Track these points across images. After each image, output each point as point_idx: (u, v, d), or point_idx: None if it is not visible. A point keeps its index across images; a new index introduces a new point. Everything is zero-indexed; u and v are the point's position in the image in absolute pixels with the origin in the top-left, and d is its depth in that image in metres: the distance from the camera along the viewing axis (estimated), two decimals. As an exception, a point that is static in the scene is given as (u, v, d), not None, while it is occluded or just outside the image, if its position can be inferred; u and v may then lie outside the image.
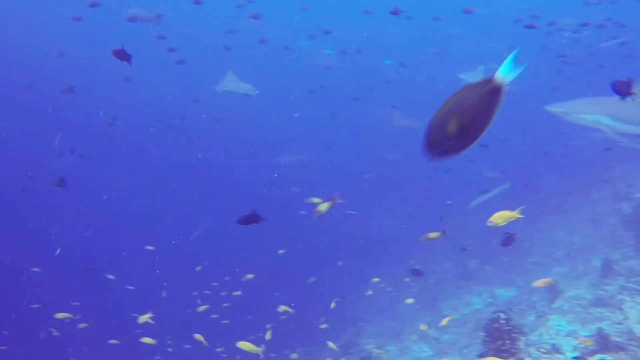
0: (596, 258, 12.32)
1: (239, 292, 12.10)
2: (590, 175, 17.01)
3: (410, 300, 11.26)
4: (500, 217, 4.83)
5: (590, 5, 15.85)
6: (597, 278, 11.38)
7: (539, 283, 6.99)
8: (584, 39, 17.23)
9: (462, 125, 1.82)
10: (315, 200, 5.14)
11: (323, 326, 11.93)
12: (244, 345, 6.62)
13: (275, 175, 19.38)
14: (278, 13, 20.67)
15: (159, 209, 21.87)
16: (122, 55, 6.08)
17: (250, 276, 11.01)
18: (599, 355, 7.53)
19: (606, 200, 15.29)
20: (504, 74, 1.78)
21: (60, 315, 9.51)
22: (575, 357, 8.09)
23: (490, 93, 1.79)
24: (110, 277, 12.37)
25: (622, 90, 5.13)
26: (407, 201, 19.62)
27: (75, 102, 18.27)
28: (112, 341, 10.67)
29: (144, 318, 8.20)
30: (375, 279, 11.92)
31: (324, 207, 4.74)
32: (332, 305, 11.39)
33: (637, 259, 11.16)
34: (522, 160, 19.16)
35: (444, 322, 9.53)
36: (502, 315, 8.44)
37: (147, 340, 8.80)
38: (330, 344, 10.24)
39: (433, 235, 5.21)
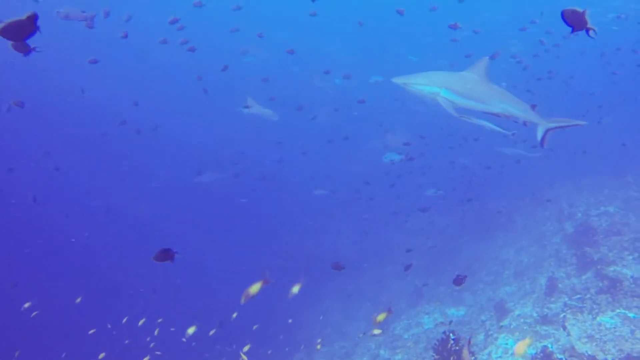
0: (542, 276, 12.63)
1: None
2: (535, 194, 17.60)
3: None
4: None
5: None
6: (542, 296, 11.65)
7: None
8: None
9: None
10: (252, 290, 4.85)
11: (270, 352, 11.66)
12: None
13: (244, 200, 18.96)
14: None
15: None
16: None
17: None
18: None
19: (551, 220, 15.79)
20: None
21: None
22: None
23: None
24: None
25: (574, 21, 4.43)
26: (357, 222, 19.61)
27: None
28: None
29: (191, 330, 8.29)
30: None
31: (254, 289, 4.57)
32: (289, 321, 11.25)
33: (579, 277, 11.50)
34: (464, 179, 19.56)
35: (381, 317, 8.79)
36: (452, 336, 8.45)
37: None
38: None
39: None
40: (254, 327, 13.24)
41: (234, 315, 11.29)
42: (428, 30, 25.02)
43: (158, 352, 11.44)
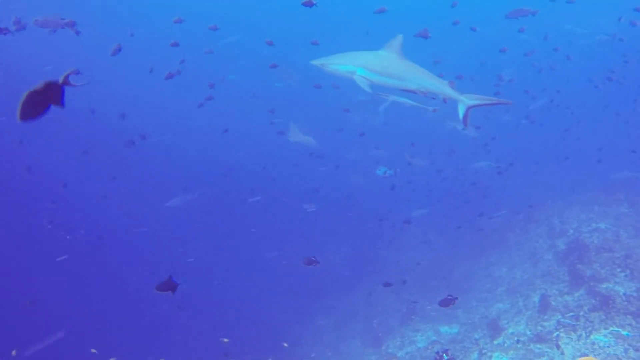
0: (535, 294, 12.59)
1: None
2: (528, 211, 17.65)
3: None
4: None
5: None
6: (536, 314, 11.60)
7: None
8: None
9: None
10: None
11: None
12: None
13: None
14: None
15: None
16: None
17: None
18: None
19: (542, 236, 15.81)
20: None
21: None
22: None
23: None
24: None
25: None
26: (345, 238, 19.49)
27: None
28: None
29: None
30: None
31: None
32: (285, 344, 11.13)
33: (572, 294, 11.48)
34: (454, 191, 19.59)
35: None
36: (445, 356, 8.37)
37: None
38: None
39: None
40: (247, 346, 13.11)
41: (225, 340, 11.17)
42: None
43: None
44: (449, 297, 7.52)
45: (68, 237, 15.46)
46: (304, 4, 8.39)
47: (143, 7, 30.14)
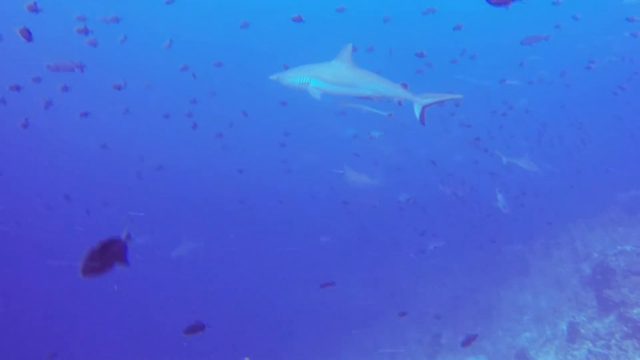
0: (562, 321, 12.24)
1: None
2: (548, 235, 17.32)
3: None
4: None
5: None
6: (564, 343, 11.25)
7: None
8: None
9: None
10: None
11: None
12: None
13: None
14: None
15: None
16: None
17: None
18: None
19: (566, 261, 15.48)
20: None
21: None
22: None
23: None
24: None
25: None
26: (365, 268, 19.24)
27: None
28: None
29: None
30: None
31: None
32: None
33: (601, 320, 11.13)
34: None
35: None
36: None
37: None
38: None
39: None
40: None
41: None
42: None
43: None
44: (469, 336, 7.35)
45: (115, 287, 15.32)
46: (294, 20, 8.64)
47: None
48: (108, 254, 3.12)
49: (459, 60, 13.90)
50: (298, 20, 8.71)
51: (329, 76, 7.52)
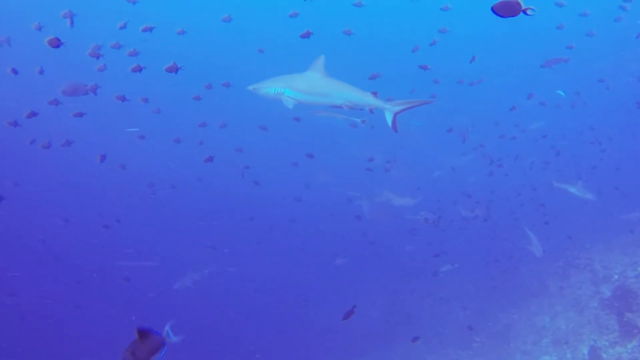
0: (583, 345, 12.01)
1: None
2: (567, 256, 17.05)
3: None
4: None
5: None
6: (586, 368, 11.02)
7: None
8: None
9: None
10: None
11: None
12: None
13: None
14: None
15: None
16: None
17: None
18: None
19: (585, 283, 15.20)
20: None
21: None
22: None
23: None
24: None
25: (508, 10, 4.29)
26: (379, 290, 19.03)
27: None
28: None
29: None
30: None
31: None
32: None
33: (624, 345, 10.90)
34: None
35: None
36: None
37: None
38: None
39: None
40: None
41: None
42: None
43: None
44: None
45: (133, 318, 15.33)
46: (302, 36, 8.84)
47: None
48: (146, 347, 3.22)
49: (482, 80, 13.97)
50: (306, 36, 8.90)
51: (302, 86, 7.87)
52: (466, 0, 19.28)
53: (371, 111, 7.99)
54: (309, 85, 7.89)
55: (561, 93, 13.81)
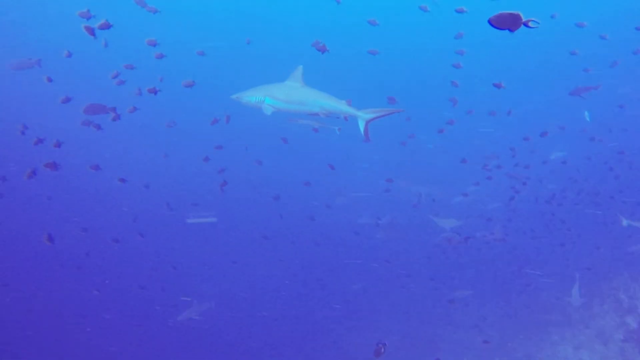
0: (609, 379, 11.64)
1: None
2: (590, 285, 16.67)
3: None
4: None
5: None
6: (614, 403, 10.66)
7: None
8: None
9: None
10: None
11: None
12: None
13: None
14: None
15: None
16: None
17: None
18: None
19: (609, 313, 14.83)
20: None
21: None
22: None
23: None
24: None
25: (507, 23, 4.14)
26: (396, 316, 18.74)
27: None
28: None
29: None
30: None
31: None
32: None
33: (653, 381, 10.54)
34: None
35: None
36: None
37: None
38: None
39: None
40: None
41: None
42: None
43: None
44: None
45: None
46: (318, 50, 8.92)
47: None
48: None
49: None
50: (323, 50, 8.95)
51: (281, 95, 8.34)
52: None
53: (345, 119, 8.41)
54: (287, 94, 8.35)
55: (587, 115, 13.63)
